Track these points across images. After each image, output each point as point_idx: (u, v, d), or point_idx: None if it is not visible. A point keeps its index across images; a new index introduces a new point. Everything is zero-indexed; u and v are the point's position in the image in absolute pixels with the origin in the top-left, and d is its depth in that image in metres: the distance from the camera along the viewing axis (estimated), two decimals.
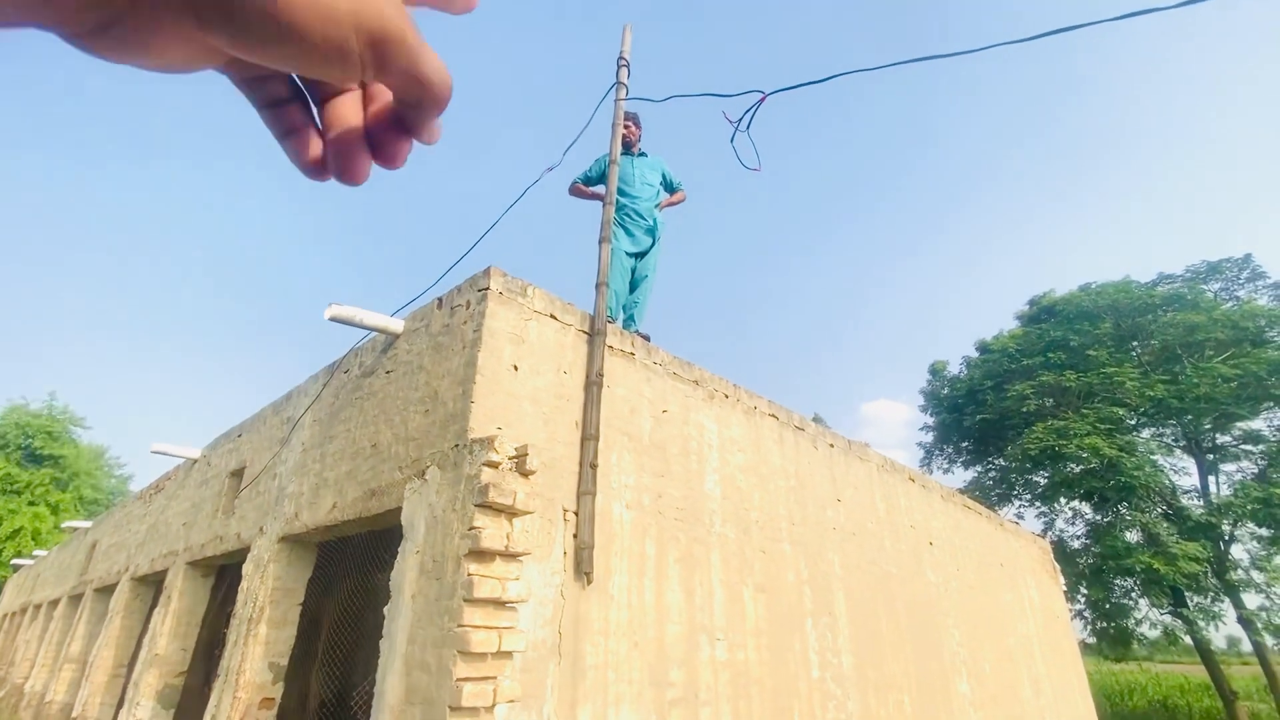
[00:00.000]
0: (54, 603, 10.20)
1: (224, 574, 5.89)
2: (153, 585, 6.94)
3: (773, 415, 4.86)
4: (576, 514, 3.04)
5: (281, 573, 4.13)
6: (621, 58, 4.28)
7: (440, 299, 3.51)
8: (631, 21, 4.33)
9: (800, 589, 4.37)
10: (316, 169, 0.34)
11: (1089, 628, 17.06)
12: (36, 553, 13.87)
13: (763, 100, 3.11)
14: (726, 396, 4.45)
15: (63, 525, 11.36)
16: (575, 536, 3.00)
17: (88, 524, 10.48)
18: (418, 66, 0.29)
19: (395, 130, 0.34)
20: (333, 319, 3.46)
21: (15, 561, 15.22)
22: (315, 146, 0.34)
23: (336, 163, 0.34)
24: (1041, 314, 20.72)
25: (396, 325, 3.71)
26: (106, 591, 7.96)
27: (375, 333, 3.83)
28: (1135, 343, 18.06)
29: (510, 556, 2.63)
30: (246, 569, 4.35)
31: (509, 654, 2.53)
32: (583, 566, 2.94)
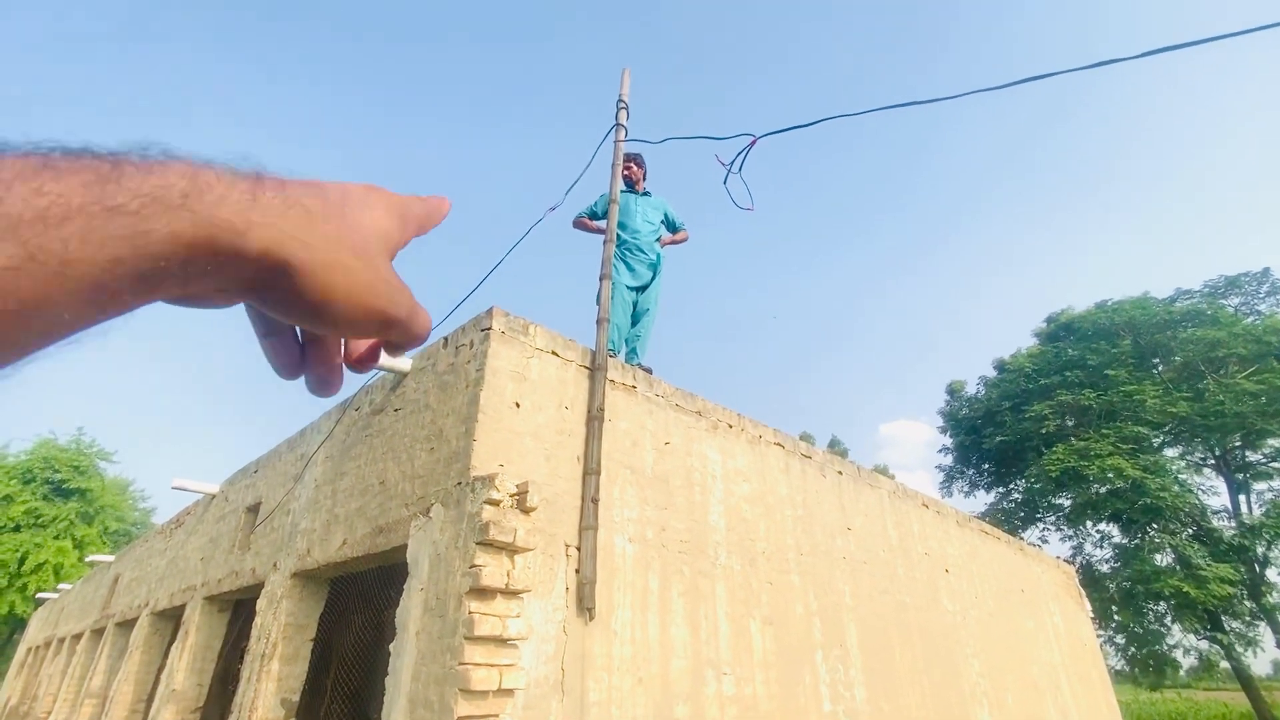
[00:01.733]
0: (77, 637, 10.34)
1: (240, 609, 5.96)
2: (171, 620, 7.04)
3: (778, 444, 4.87)
4: (579, 549, 3.08)
5: (294, 609, 4.20)
6: (621, 100, 4.43)
7: (446, 338, 3.61)
8: (630, 66, 4.49)
9: (810, 620, 4.33)
10: (290, 375, 0.37)
11: (1121, 655, 16.52)
12: (61, 586, 14.09)
13: (753, 144, 3.20)
14: (730, 426, 4.48)
15: (87, 559, 11.56)
16: (577, 572, 3.03)
17: (111, 558, 10.66)
18: (414, 329, 0.36)
19: (371, 351, 0.41)
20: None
21: (40, 595, 15.46)
22: (293, 355, 0.37)
23: (316, 384, 0.38)
24: (1059, 331, 20.50)
25: (405, 364, 3.81)
26: (127, 626, 8.06)
27: (385, 371, 3.93)
28: (1156, 360, 17.76)
29: (511, 594, 2.68)
30: (260, 605, 4.42)
31: (510, 692, 2.56)
32: (585, 602, 2.97)
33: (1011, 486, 19.94)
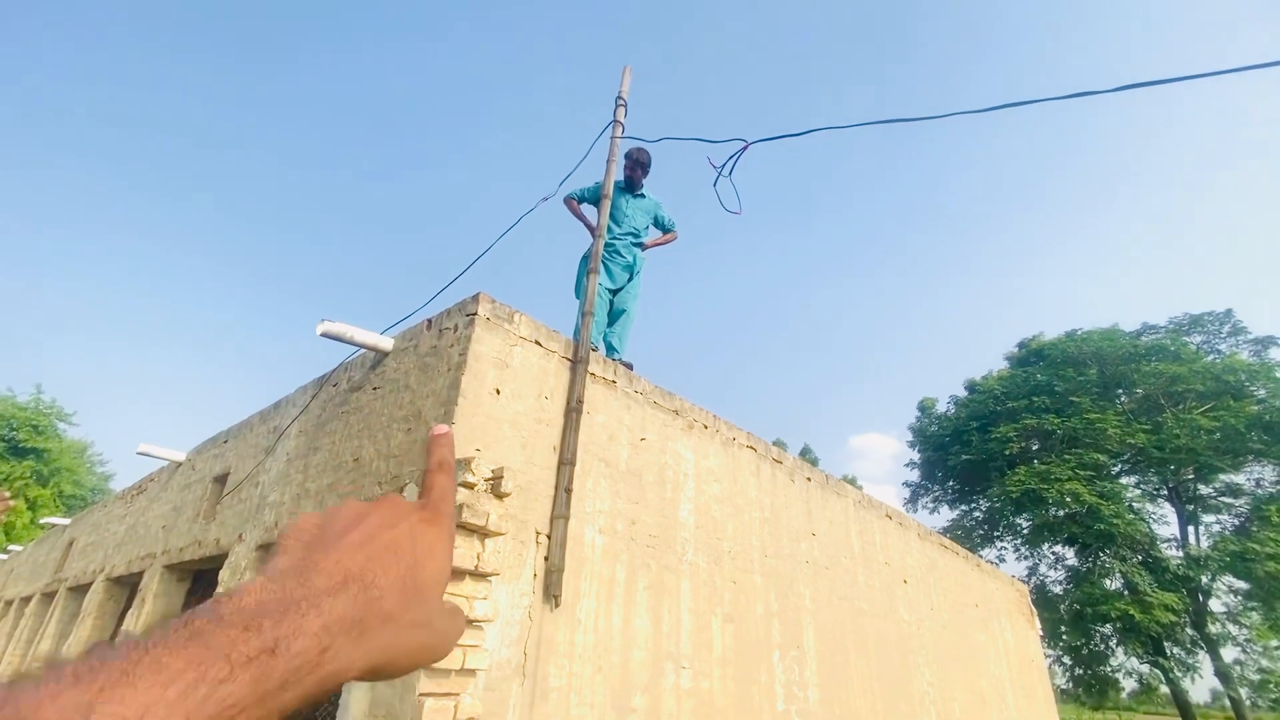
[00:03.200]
0: (26, 599, 10.09)
1: (200, 579, 5.89)
2: (127, 587, 6.92)
3: (751, 447, 4.96)
4: (549, 537, 3.12)
5: None
6: (620, 97, 4.47)
7: (430, 320, 3.62)
8: (631, 64, 4.53)
9: (769, 621, 4.43)
10: None
11: (1068, 674, 17.03)
12: (12, 547, 13.71)
13: (745, 149, 3.28)
14: (705, 427, 4.55)
15: (41, 521, 11.27)
16: (546, 559, 3.08)
17: (66, 521, 10.41)
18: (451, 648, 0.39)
19: None
20: (324, 335, 3.56)
21: None
22: None
23: None
24: (1030, 357, 21.02)
25: (386, 343, 3.82)
26: (80, 591, 7.90)
27: (365, 349, 3.93)
28: (1120, 390, 18.32)
29: (480, 576, 2.72)
30: (223, 575, 4.39)
31: (472, 672, 2.60)
32: (552, 589, 3.02)
33: (974, 505, 20.41)
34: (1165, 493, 17.77)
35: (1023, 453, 17.76)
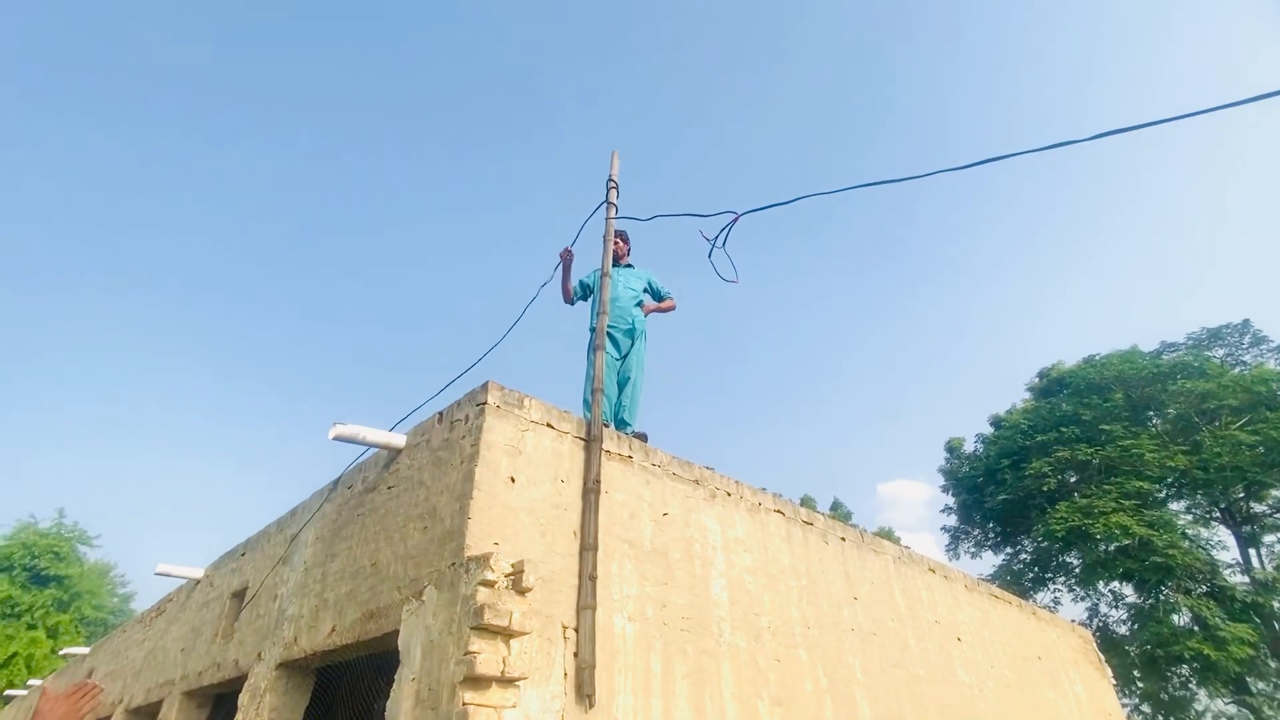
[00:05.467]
0: None
1: (220, 704, 5.65)
2: (147, 718, 6.64)
3: (778, 510, 4.79)
4: (576, 630, 2.96)
5: (278, 703, 3.98)
6: (610, 179, 4.62)
7: (441, 413, 3.59)
8: (619, 148, 4.71)
9: (820, 699, 4.14)
10: None
11: None
12: (31, 682, 13.35)
13: (736, 220, 3.33)
14: (729, 494, 4.42)
15: (62, 652, 11.01)
16: (576, 655, 2.91)
17: (86, 650, 10.16)
18: None
19: None
20: (337, 438, 3.54)
21: (9, 692, 14.62)
22: None
23: None
24: (1052, 386, 20.65)
25: (399, 440, 3.78)
26: None
27: (378, 448, 3.89)
28: (1150, 413, 17.83)
29: (507, 682, 2.56)
30: (242, 700, 4.20)
31: None
32: (584, 688, 2.84)
33: (1019, 547, 19.55)
34: (1218, 515, 16.95)
35: (1061, 487, 17.12)
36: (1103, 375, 18.10)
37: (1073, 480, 17.35)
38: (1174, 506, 16.94)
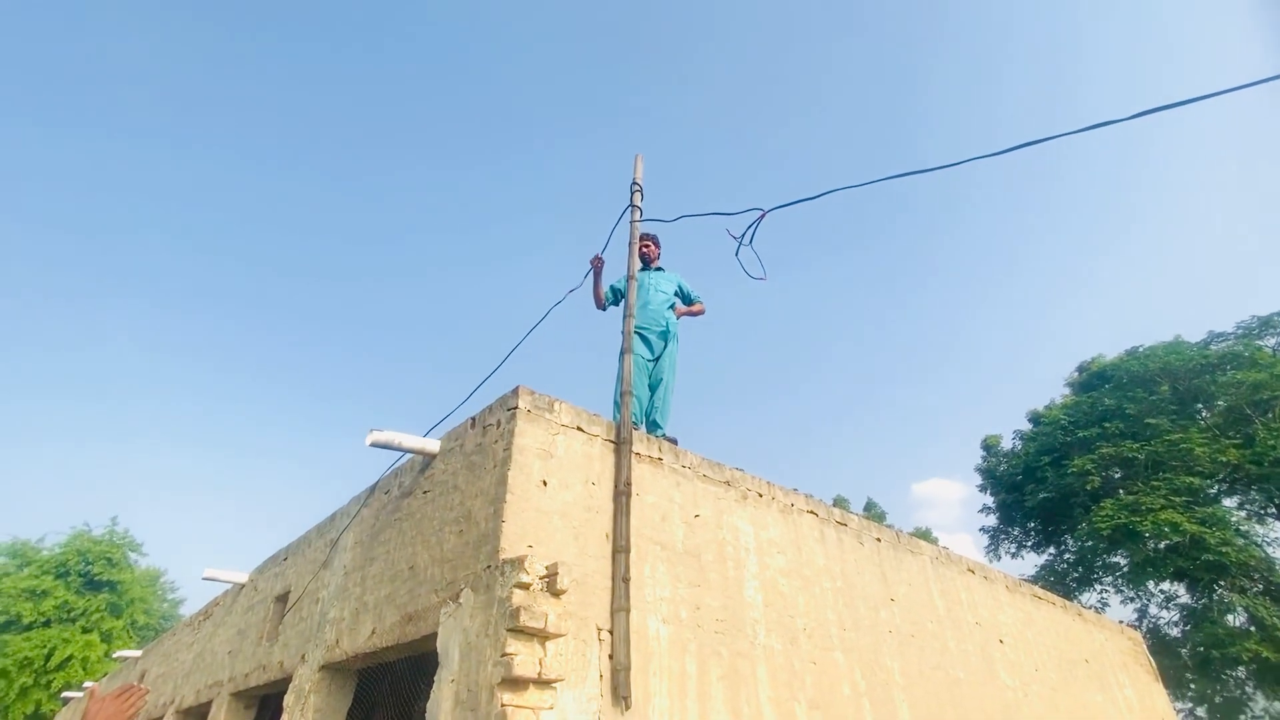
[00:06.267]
0: None
1: (266, 704, 5.81)
2: (197, 718, 6.86)
3: (811, 512, 4.74)
4: (611, 633, 2.98)
5: (322, 704, 4.08)
6: (635, 183, 4.63)
7: (473, 419, 3.65)
8: (642, 152, 4.72)
9: (858, 702, 4.08)
10: None
11: None
12: (87, 684, 13.89)
13: (762, 217, 3.32)
14: (760, 495, 4.39)
15: (115, 655, 11.43)
16: (611, 657, 2.92)
17: (138, 653, 10.53)
18: None
19: None
20: (374, 444, 3.62)
21: (66, 694, 15.23)
22: None
23: None
24: (1093, 380, 20.02)
25: (433, 446, 3.85)
26: None
27: (413, 454, 3.96)
28: (1199, 405, 17.16)
29: (544, 684, 2.58)
30: (287, 701, 4.31)
31: None
32: (620, 690, 2.85)
33: (1062, 546, 18.99)
34: (1273, 510, 16.22)
35: (1105, 484, 16.57)
36: (1147, 367, 17.47)
37: (1117, 477, 16.78)
38: (1227, 503, 16.26)
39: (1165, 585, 16.30)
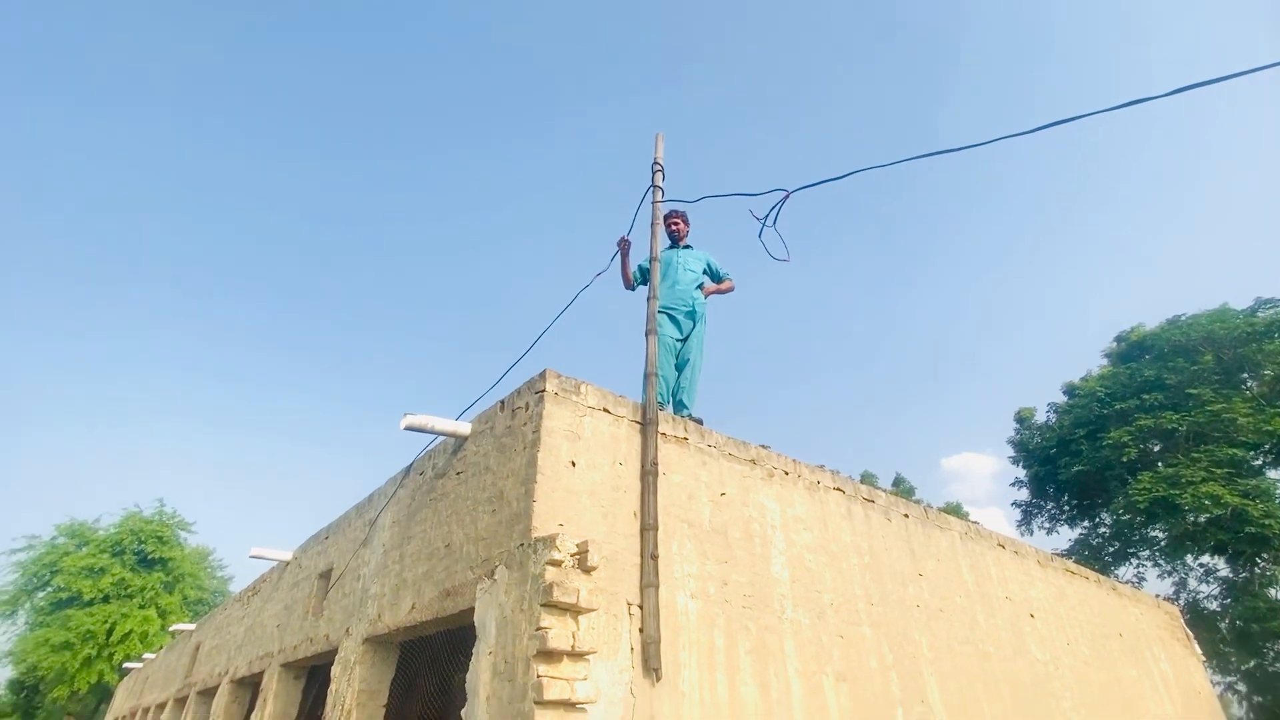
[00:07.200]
0: (161, 706, 10.69)
1: (314, 675, 6.09)
2: (249, 687, 7.22)
3: (838, 489, 4.76)
4: (641, 608, 3.06)
5: (367, 674, 4.28)
6: (656, 163, 4.62)
7: (502, 402, 3.73)
8: (663, 131, 4.70)
9: (886, 675, 4.13)
10: None
11: (1244, 703, 14.91)
12: (146, 655, 14.66)
13: (786, 197, 3.29)
14: (786, 473, 4.42)
15: (170, 629, 12.04)
16: (641, 631, 3.01)
17: (192, 626, 11.08)
18: None
19: None
20: (408, 428, 3.73)
21: (126, 665, 16.11)
22: None
23: None
24: (1132, 351, 19.46)
25: (464, 429, 3.95)
26: (209, 694, 8.31)
27: (445, 436, 4.08)
28: (1244, 375, 16.59)
29: (577, 656, 2.68)
30: (335, 671, 4.52)
31: None
32: (651, 662, 2.94)
33: (1097, 520, 18.67)
34: None
35: (1142, 456, 16.19)
36: (1189, 337, 16.91)
37: (1156, 449, 16.39)
38: (1272, 474, 15.78)
39: (1205, 559, 15.96)
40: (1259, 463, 15.67)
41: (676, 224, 5.34)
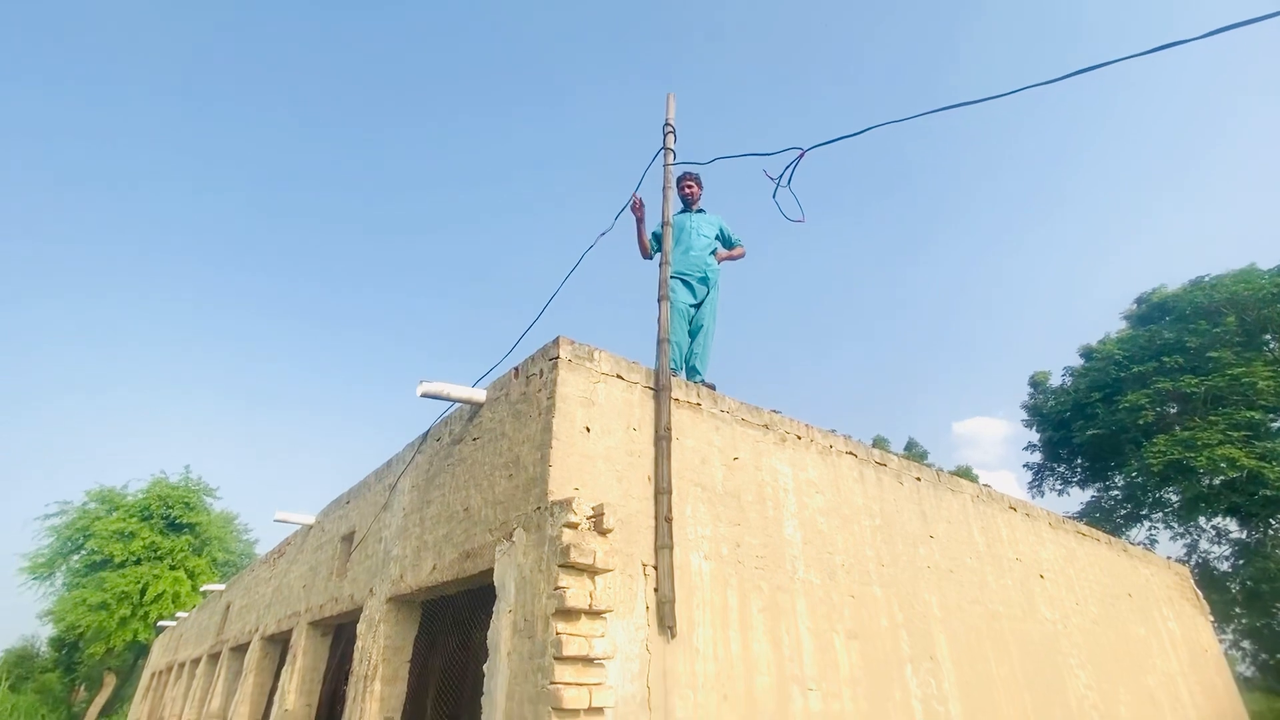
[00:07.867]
0: (195, 661, 11.17)
1: (341, 633, 6.32)
2: (279, 644, 7.52)
3: (850, 453, 4.79)
4: (655, 568, 3.14)
5: (391, 632, 4.43)
6: (667, 124, 4.54)
7: (517, 368, 3.77)
8: (674, 90, 4.60)
9: (896, 633, 4.22)
10: None
11: (1251, 661, 15.08)
12: (179, 614, 15.25)
13: (801, 156, 3.23)
14: (799, 438, 4.45)
15: (202, 589, 12.49)
16: (656, 591, 3.09)
17: (222, 587, 11.49)
18: None
19: None
20: (424, 395, 3.79)
21: (160, 624, 16.78)
22: None
23: None
24: (1152, 313, 19.14)
25: (480, 395, 4.00)
26: (240, 650, 8.67)
27: (461, 403, 4.13)
28: (1267, 336, 16.30)
29: (594, 614, 2.76)
30: (360, 628, 4.69)
31: (600, 710, 2.64)
32: (665, 620, 3.02)
33: (1109, 482, 18.66)
34: None
35: (1159, 419, 16.07)
36: (1212, 298, 16.58)
37: (1173, 412, 16.24)
38: None
39: (1217, 521, 15.96)
40: (1278, 425, 15.51)
41: (690, 187, 5.26)
